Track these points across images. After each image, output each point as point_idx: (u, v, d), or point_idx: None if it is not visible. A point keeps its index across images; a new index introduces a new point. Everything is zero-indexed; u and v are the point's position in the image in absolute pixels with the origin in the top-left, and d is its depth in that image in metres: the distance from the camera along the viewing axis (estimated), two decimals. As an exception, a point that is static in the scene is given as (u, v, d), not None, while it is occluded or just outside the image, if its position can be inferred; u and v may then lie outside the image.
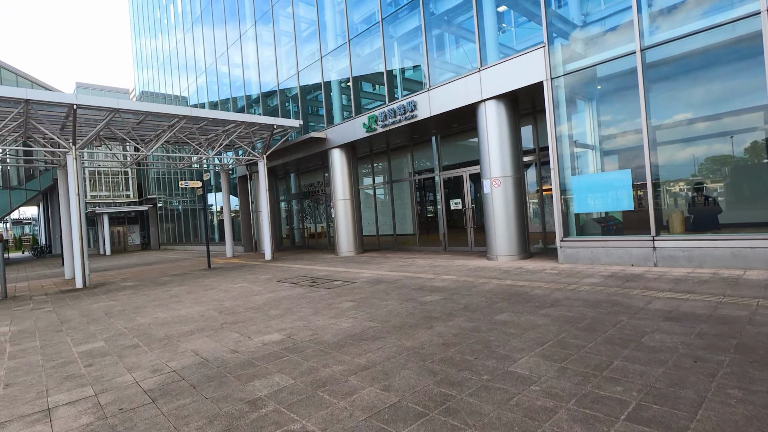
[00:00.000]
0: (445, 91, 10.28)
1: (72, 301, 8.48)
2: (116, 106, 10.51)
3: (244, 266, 12.97)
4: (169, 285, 9.87)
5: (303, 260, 13.34)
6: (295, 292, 7.51)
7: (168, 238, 31.19)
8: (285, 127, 13.94)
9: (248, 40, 18.46)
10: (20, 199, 28.10)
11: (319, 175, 18.39)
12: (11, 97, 9.28)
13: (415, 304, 5.73)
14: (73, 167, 10.73)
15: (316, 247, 18.30)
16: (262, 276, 10.12)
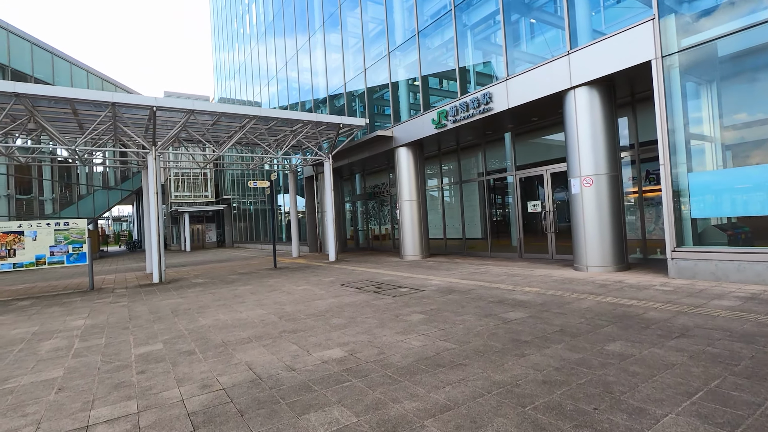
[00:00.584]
0: (525, 79, 9.21)
1: (146, 296, 8.68)
2: (191, 107, 10.79)
3: (308, 267, 12.80)
4: (235, 284, 9.87)
5: (367, 263, 12.88)
6: (358, 298, 6.96)
7: (241, 236, 32.74)
8: (351, 125, 13.62)
9: (316, 43, 18.56)
10: (116, 198, 31.09)
11: (383, 176, 17.93)
12: (100, 100, 9.82)
13: (497, 322, 4.86)
14: (152, 167, 11.20)
15: (380, 249, 17.84)
16: (326, 278, 9.76)
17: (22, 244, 9.84)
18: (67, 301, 8.64)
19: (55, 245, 10.16)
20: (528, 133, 11.54)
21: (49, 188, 24.53)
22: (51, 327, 6.13)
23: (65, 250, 10.25)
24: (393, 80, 13.79)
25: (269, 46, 24.13)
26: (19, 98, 9.10)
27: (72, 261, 10.33)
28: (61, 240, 10.24)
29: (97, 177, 29.62)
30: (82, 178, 27.62)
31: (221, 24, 35.30)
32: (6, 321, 6.86)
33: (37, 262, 9.95)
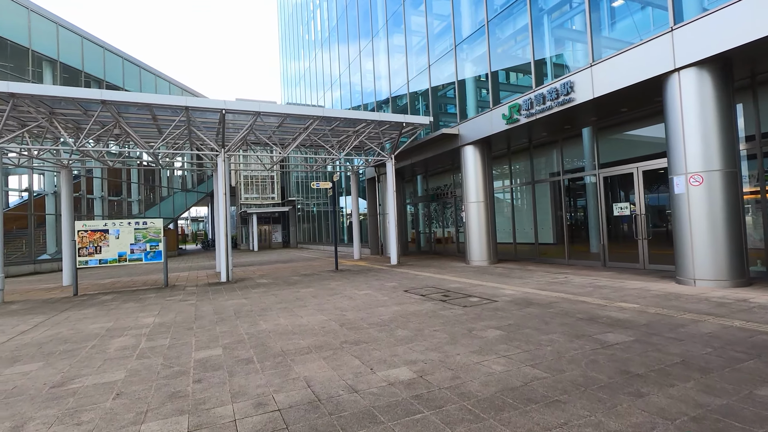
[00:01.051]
0: (615, 65, 8.11)
1: (213, 296, 8.81)
2: (258, 109, 10.93)
3: (369, 270, 12.48)
4: (297, 286, 9.77)
5: (430, 267, 12.29)
6: (424, 307, 6.41)
7: (304, 237, 33.60)
8: (414, 124, 13.12)
9: (379, 44, 18.33)
10: (193, 200, 33.35)
11: (447, 177, 17.21)
12: (174, 104, 10.24)
13: (594, 345, 4.07)
14: (221, 168, 11.52)
15: (443, 253, 17.12)
16: (388, 283, 9.32)
17: (107, 242, 10.52)
18: (142, 297, 9.02)
19: (135, 243, 10.76)
20: (614, 126, 10.27)
21: (136, 190, 26.79)
22: (124, 323, 6.28)
23: (143, 248, 10.82)
24: (459, 75, 13.09)
25: (332, 51, 24.43)
26: (105, 105, 9.71)
27: (149, 258, 10.87)
28: (140, 238, 10.82)
29: (176, 180, 31.93)
30: (164, 181, 29.89)
31: (288, 33, 36.62)
32: (89, 315, 7.20)
33: (119, 259, 10.59)
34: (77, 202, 22.80)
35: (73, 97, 9.40)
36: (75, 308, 8.01)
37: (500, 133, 11.21)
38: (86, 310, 7.67)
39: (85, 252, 10.33)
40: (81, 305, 8.34)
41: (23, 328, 6.33)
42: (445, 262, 13.84)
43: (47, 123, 10.75)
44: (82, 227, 10.40)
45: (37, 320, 6.95)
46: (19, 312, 7.92)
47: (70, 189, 13.17)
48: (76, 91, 9.42)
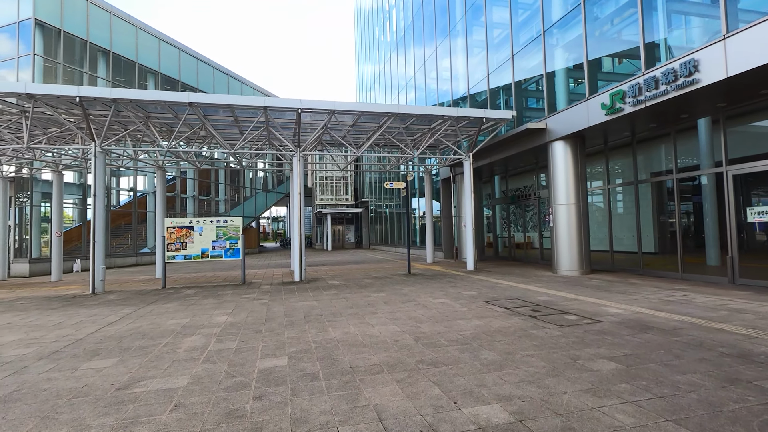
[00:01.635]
0: (759, 34, 6.54)
1: (285, 296, 8.71)
2: (332, 108, 10.76)
3: (444, 276, 11.73)
4: (368, 289, 9.36)
5: (511, 275, 11.21)
6: (511, 323, 5.57)
7: (376, 238, 33.64)
8: (495, 119, 12.13)
9: (456, 36, 17.49)
10: (273, 200, 35.08)
11: (528, 178, 15.85)
12: (254, 105, 10.42)
13: (762, 398, 3.00)
14: (297, 168, 11.55)
15: (523, 260, 15.77)
16: (466, 291, 8.52)
17: (192, 238, 11.02)
18: (220, 294, 9.22)
19: (216, 240, 11.15)
20: (749, 114, 8.46)
21: (223, 190, 28.72)
22: (198, 321, 6.27)
23: (223, 245, 11.18)
24: (547, 64, 11.83)
25: (407, 50, 24.01)
26: (192, 107, 10.14)
27: (228, 256, 11.21)
28: (221, 236, 11.20)
29: (258, 181, 33.76)
30: (247, 182, 31.73)
31: (364, 37, 37.05)
32: (170, 309, 7.40)
33: (201, 255, 11.05)
34: (172, 201, 24.95)
35: (165, 101, 9.93)
36: (160, 301, 8.35)
37: (597, 125, 9.83)
38: (169, 304, 7.93)
39: (172, 248, 10.92)
40: (166, 299, 8.70)
41: (112, 319, 6.61)
42: (527, 269, 12.61)
43: (144, 127, 11.57)
44: (170, 224, 11.01)
45: (125, 311, 7.28)
46: (114, 302, 8.45)
47: (163, 188, 14.19)
48: (167, 95, 9.96)
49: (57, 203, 14.59)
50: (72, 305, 8.25)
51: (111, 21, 20.78)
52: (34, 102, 9.55)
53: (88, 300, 8.91)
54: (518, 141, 12.70)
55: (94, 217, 10.18)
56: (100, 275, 10.23)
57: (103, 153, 10.57)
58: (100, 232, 10.28)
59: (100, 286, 10.21)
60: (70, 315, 7.13)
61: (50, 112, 10.21)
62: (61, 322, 6.56)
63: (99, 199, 10.27)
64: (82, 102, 9.54)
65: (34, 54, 17.23)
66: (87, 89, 9.45)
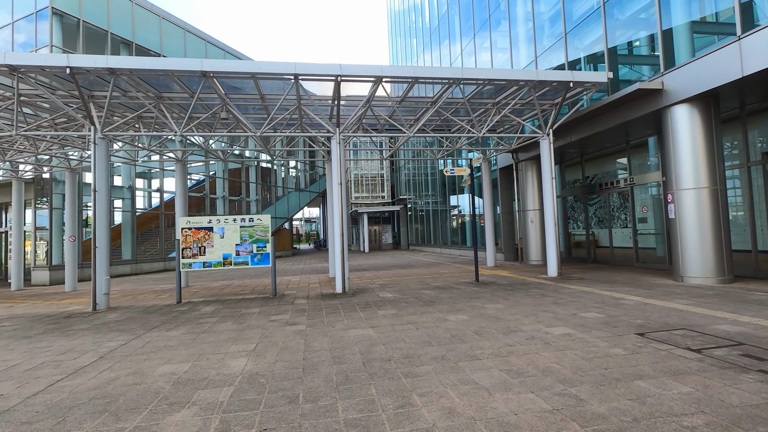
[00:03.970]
0: None
1: (328, 317, 6.45)
2: (380, 73, 8.46)
3: (525, 285, 9.17)
4: (437, 305, 6.97)
5: (616, 284, 8.51)
6: (747, 390, 3.01)
7: (416, 238, 31.18)
8: (586, 83, 9.44)
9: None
10: (306, 200, 33.29)
11: (611, 161, 12.99)
12: (282, 72, 8.27)
13: None
14: (336, 152, 9.32)
15: (610, 263, 12.91)
16: (584, 313, 5.97)
17: (211, 242, 9.00)
18: (244, 313, 7.08)
19: (241, 244, 9.08)
20: None
21: (254, 190, 27.11)
22: (203, 369, 4.08)
23: (249, 249, 9.09)
24: (662, 2, 8.99)
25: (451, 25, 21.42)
26: (207, 78, 8.10)
27: (256, 262, 9.11)
28: (246, 238, 9.12)
29: (290, 180, 32.07)
30: (279, 181, 30.07)
31: (397, 26, 34.69)
32: (171, 343, 5.29)
33: (223, 262, 9.00)
34: (200, 201, 23.49)
35: (173, 69, 7.93)
36: (165, 326, 6.29)
37: (747, 79, 7.00)
38: (174, 332, 5.84)
39: (188, 253, 8.93)
40: (174, 321, 6.64)
41: (85, 361, 4.55)
42: (630, 275, 9.82)
43: (155, 109, 9.68)
44: (185, 224, 9.03)
45: (112, 344, 5.23)
46: (109, 326, 6.47)
47: (183, 184, 12.35)
48: (175, 62, 7.96)
49: (70, 204, 13.06)
50: (55, 330, 6.33)
51: (133, 10, 19.41)
52: (19, 77, 7.77)
53: (80, 322, 6.99)
54: (615, 110, 9.91)
55: (95, 218, 8.33)
56: (103, 288, 8.36)
57: (105, 140, 8.71)
58: (103, 236, 8.42)
59: (103, 302, 8.35)
60: (37, 350, 5.15)
61: (45, 94, 8.45)
62: (15, 365, 4.55)
63: (101, 196, 8.42)
64: (74, 75, 7.67)
65: (52, 45, 15.94)
66: (78, 57, 7.57)
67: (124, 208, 19.12)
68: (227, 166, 24.99)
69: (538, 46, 13.55)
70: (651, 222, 11.57)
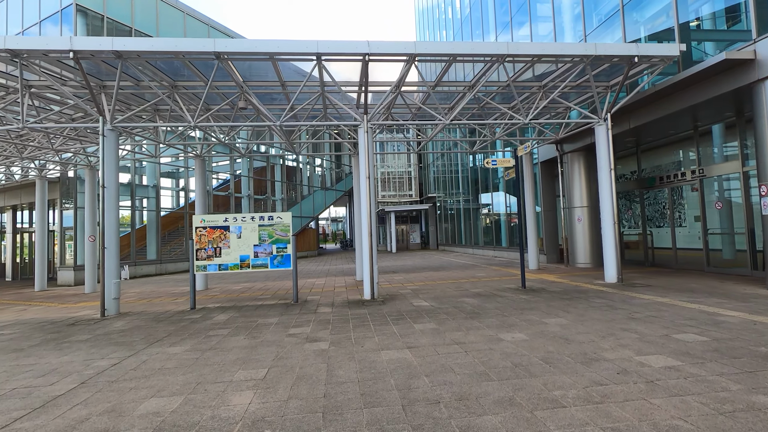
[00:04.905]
0: None
1: (355, 332, 5.46)
2: (413, 51, 7.41)
3: (582, 293, 7.91)
4: (483, 318, 5.86)
5: (695, 293, 7.14)
6: None
7: (446, 238, 29.92)
8: (654, 57, 8.06)
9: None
10: (332, 199, 32.59)
11: (671, 152, 11.46)
12: (303, 52, 7.35)
13: None
14: (364, 141, 8.34)
15: (671, 266, 11.37)
16: (680, 334, 4.73)
17: (228, 242, 8.20)
18: (261, 324, 6.19)
19: (259, 244, 8.24)
20: None
21: (279, 189, 26.58)
22: (196, 405, 3.15)
23: (269, 250, 8.23)
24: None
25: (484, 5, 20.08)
26: (221, 60, 7.28)
27: (276, 265, 8.24)
28: (265, 238, 8.26)
29: (316, 178, 31.45)
30: (304, 179, 29.46)
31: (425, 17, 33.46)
32: (169, 364, 4.44)
33: (240, 264, 8.18)
34: (226, 201, 23.08)
35: (183, 51, 7.15)
36: (168, 339, 5.46)
37: None
38: (176, 348, 4.99)
39: (203, 254, 8.16)
40: (181, 333, 5.81)
41: (56, 391, 3.73)
42: (704, 281, 8.36)
43: (169, 99, 8.98)
44: (200, 223, 8.26)
45: (99, 366, 4.42)
46: (109, 337, 5.71)
47: (203, 180, 11.69)
48: (185, 43, 7.17)
49: (90, 203, 12.66)
50: (51, 342, 5.62)
51: (157, 6, 19.12)
52: (22, 64, 7.18)
53: (82, 331, 6.29)
54: (687, 90, 8.48)
55: (102, 216, 7.66)
56: (112, 293, 7.69)
57: (114, 132, 8.05)
58: (112, 236, 7.74)
59: (112, 307, 7.68)
60: (18, 370, 4.39)
61: (54, 85, 7.86)
62: (-18, 391, 3.79)
63: (109, 193, 7.75)
64: (79, 60, 7.00)
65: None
66: (82, 40, 6.90)
67: (149, 208, 18.85)
68: (252, 165, 24.54)
69: (588, 24, 12.12)
70: (723, 220, 10.02)
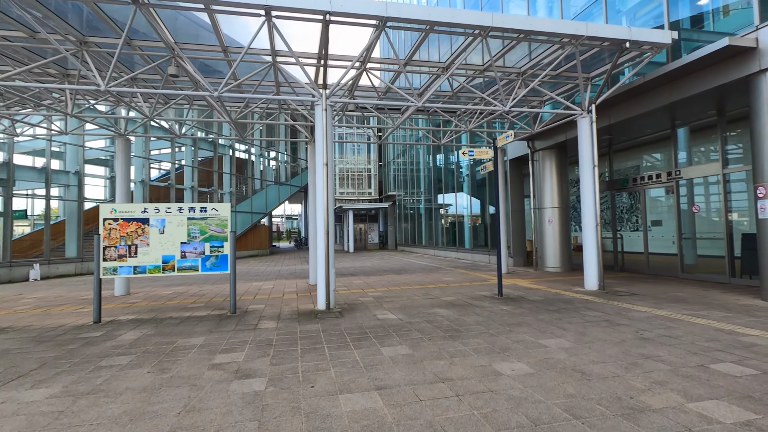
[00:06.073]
0: None
1: (304, 359, 4.12)
2: (384, 13, 6.18)
3: (567, 303, 7.01)
4: (466, 338, 4.72)
5: (688, 303, 6.43)
6: None
7: (405, 238, 28.97)
8: (645, 44, 7.34)
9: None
10: (286, 194, 30.64)
11: (645, 152, 11.01)
12: (248, 3, 5.86)
13: None
14: (321, 120, 6.97)
15: (643, 272, 10.92)
16: (718, 364, 3.82)
17: (147, 238, 6.53)
18: (180, 346, 4.68)
19: (188, 242, 6.64)
20: None
21: (228, 182, 24.39)
22: None
23: (200, 250, 6.66)
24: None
25: None
26: (138, 5, 5.65)
27: (209, 268, 6.68)
28: (196, 234, 6.68)
29: (269, 172, 29.41)
30: (257, 173, 27.37)
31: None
32: (4, 429, 2.88)
33: (163, 266, 6.54)
34: (166, 192, 20.72)
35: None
36: (36, 374, 3.85)
37: None
38: (39, 391, 3.42)
39: (113, 253, 6.45)
40: (57, 364, 4.19)
41: None
42: (688, 289, 7.77)
43: (76, 59, 7.14)
44: (110, 213, 6.53)
45: None
46: (-54, 373, 3.99)
47: (126, 165, 9.78)
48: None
49: None
50: None
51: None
52: None
53: None
54: (677, 82, 7.83)
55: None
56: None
57: (-8, 91, 6.15)
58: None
59: (-19, 322, 5.80)
60: None
61: None
62: None
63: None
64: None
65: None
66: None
67: (70, 197, 16.28)
68: (197, 154, 22.22)
69: (565, 14, 11.45)
70: (699, 224, 9.62)
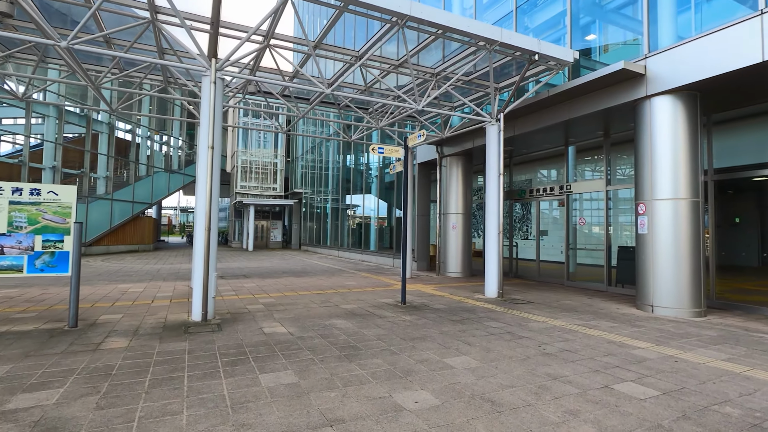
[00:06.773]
0: None
1: (153, 394, 3.08)
2: (291, -23, 5.29)
3: (470, 312, 6.82)
4: (364, 357, 4.09)
5: (579, 312, 6.67)
6: None
7: (310, 237, 27.81)
8: (551, 59, 7.53)
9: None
10: (178, 184, 27.39)
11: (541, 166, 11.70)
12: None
13: None
14: (210, 97, 5.82)
15: (534, 279, 11.50)
16: (619, 384, 3.68)
17: (-60, 227, 4.76)
18: (-41, 384, 3.27)
19: (10, 234, 5.01)
20: None
21: (104, 164, 20.85)
22: None
23: (27, 244, 5.06)
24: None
25: None
26: None
27: (39, 268, 5.11)
28: (22, 223, 5.07)
29: (158, 158, 26.04)
30: (142, 157, 23.97)
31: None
32: None
33: (-35, 266, 4.82)
34: (14, 170, 16.91)
35: None
36: None
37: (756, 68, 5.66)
38: None
39: None
40: None
41: None
42: (574, 297, 8.20)
43: None
44: None
45: None
46: None
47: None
48: None
49: None
50: None
51: None
52: None
53: None
54: (576, 100, 8.23)
55: None
56: None
57: None
58: None
59: None
60: None
61: None
62: None
63: None
64: None
65: None
66: None
67: None
68: (63, 129, 18.49)
69: (477, 24, 11.63)
70: (584, 235, 10.38)
